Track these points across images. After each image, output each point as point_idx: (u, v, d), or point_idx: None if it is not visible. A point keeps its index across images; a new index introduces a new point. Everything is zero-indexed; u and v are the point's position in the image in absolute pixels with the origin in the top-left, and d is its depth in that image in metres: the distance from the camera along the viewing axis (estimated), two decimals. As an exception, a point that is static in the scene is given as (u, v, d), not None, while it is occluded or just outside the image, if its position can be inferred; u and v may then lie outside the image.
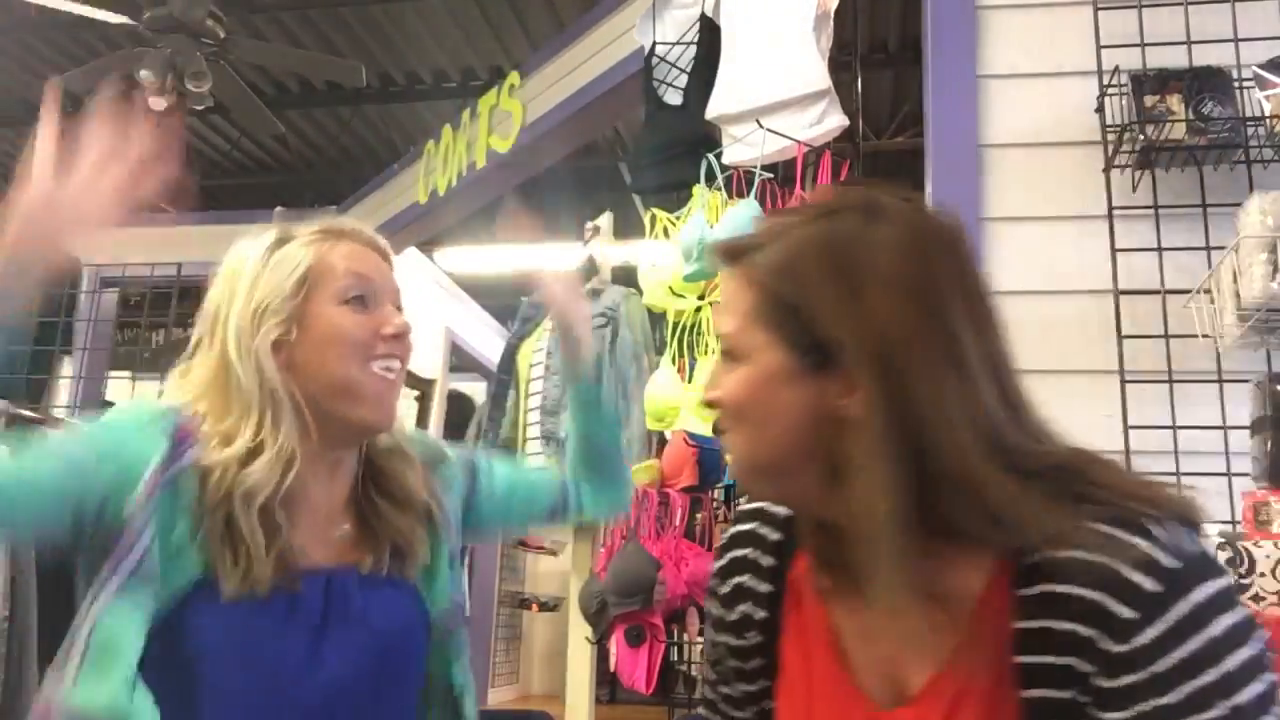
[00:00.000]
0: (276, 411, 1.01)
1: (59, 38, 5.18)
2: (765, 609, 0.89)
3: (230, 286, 1.07)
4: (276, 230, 1.11)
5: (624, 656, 2.39)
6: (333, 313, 1.06)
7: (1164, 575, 0.67)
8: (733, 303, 0.80)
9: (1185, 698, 0.66)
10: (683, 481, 2.48)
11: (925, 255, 0.75)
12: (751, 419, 0.78)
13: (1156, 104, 1.78)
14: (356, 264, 1.10)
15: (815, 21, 2.19)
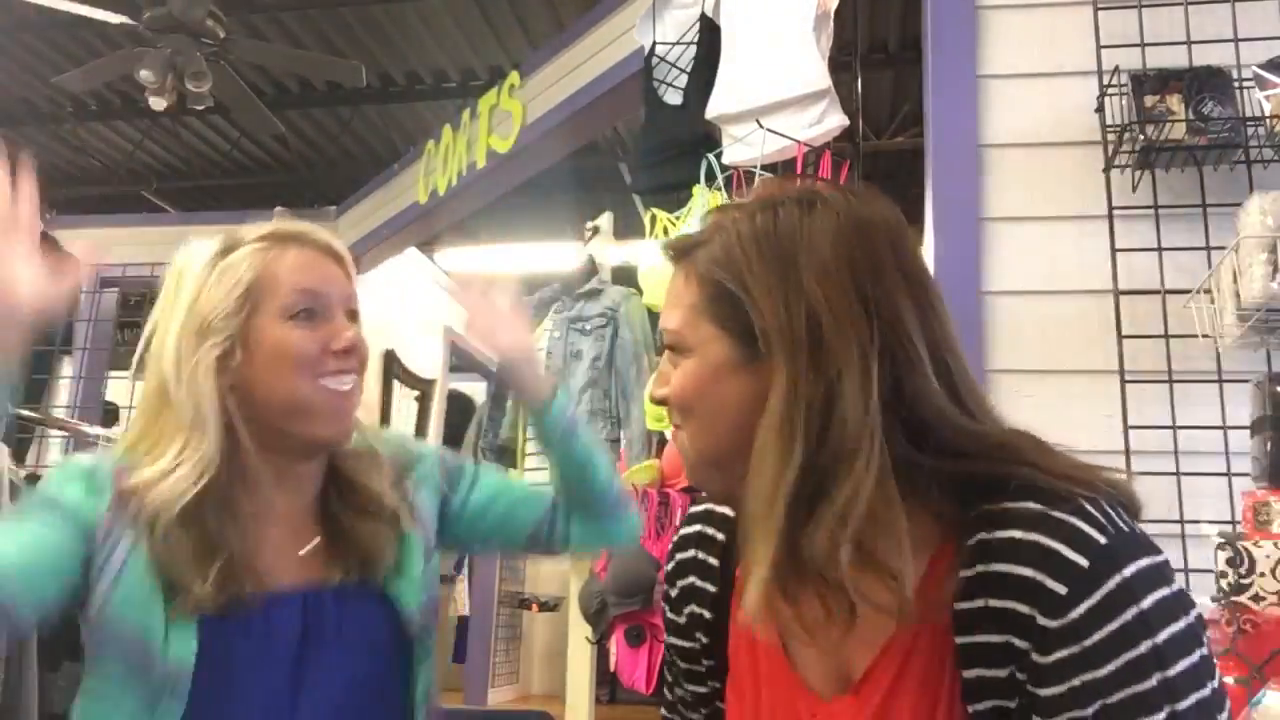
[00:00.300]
0: (201, 432, 0.98)
1: (59, 38, 5.18)
2: (711, 609, 0.89)
3: (172, 299, 1.03)
4: (223, 237, 1.06)
5: (624, 656, 2.39)
6: (278, 330, 1.01)
7: (1095, 551, 0.68)
8: (678, 298, 0.81)
9: (1117, 669, 0.66)
10: (683, 481, 2.48)
11: (862, 242, 0.76)
12: (699, 412, 0.79)
13: (1156, 104, 1.78)
14: (304, 275, 1.04)
15: (815, 21, 2.19)
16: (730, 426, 0.77)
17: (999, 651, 0.70)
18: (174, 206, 6.89)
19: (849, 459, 0.71)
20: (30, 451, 4.40)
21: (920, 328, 0.75)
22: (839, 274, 0.74)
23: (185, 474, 0.96)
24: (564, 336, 3.18)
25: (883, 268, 0.76)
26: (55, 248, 3.47)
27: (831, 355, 0.72)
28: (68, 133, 6.20)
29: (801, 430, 0.72)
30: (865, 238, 0.77)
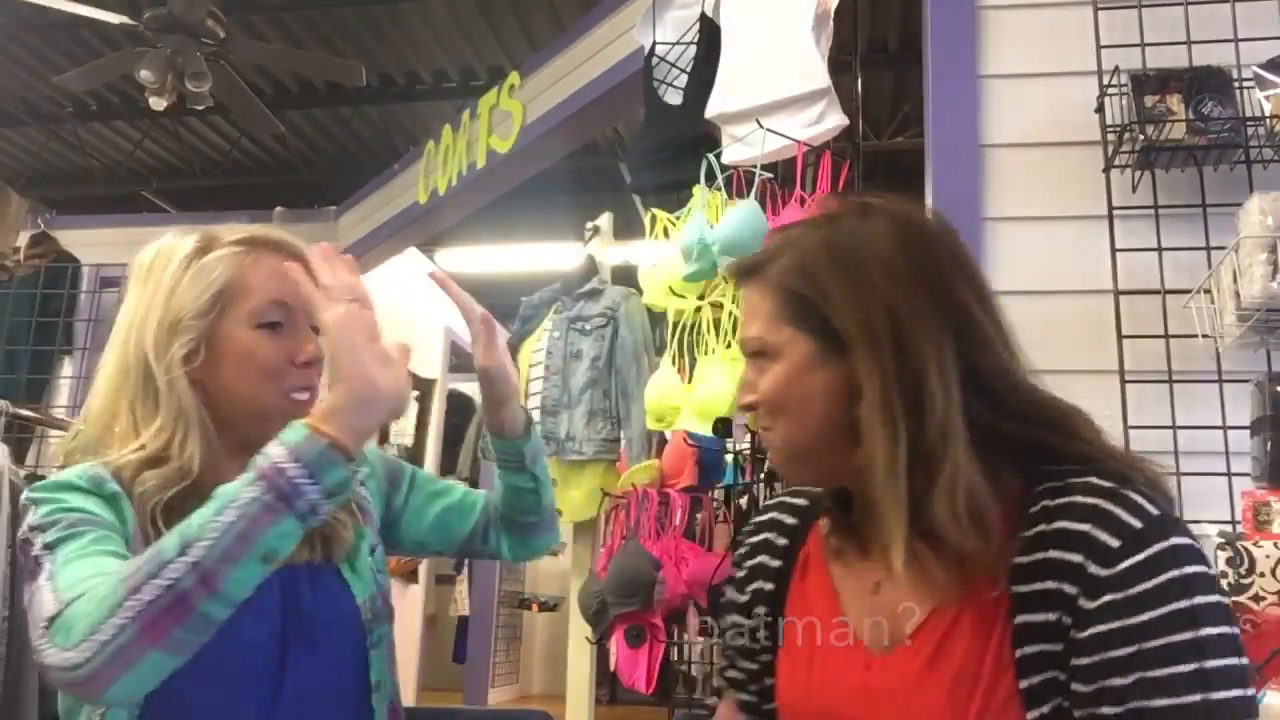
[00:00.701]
0: (186, 428, 1.00)
1: (59, 38, 5.18)
2: (775, 584, 0.99)
3: (150, 291, 1.04)
4: (200, 234, 1.07)
5: (624, 656, 2.38)
6: (245, 336, 1.03)
7: (1149, 518, 0.77)
8: (756, 309, 0.90)
9: (1156, 618, 0.73)
10: (683, 481, 2.48)
11: (918, 241, 0.87)
12: (789, 409, 0.87)
13: (1156, 104, 1.78)
14: (276, 285, 1.05)
15: (815, 21, 2.19)
16: (820, 418, 0.86)
17: (1050, 598, 0.78)
18: (174, 206, 6.89)
19: (944, 434, 0.80)
20: (30, 451, 4.39)
21: (979, 306, 0.85)
22: (904, 270, 0.84)
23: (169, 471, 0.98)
24: (564, 336, 3.17)
25: (940, 260, 0.86)
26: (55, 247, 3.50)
27: (912, 343, 0.81)
28: (68, 133, 6.20)
29: (900, 411, 0.81)
30: (920, 236, 0.88)
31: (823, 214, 0.92)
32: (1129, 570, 0.74)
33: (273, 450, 0.85)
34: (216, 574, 0.81)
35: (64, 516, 0.92)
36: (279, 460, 0.84)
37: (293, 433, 0.86)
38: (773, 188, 2.17)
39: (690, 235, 2.15)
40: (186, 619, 0.81)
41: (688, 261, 2.17)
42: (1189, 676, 0.72)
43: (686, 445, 2.43)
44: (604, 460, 3.04)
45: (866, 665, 0.87)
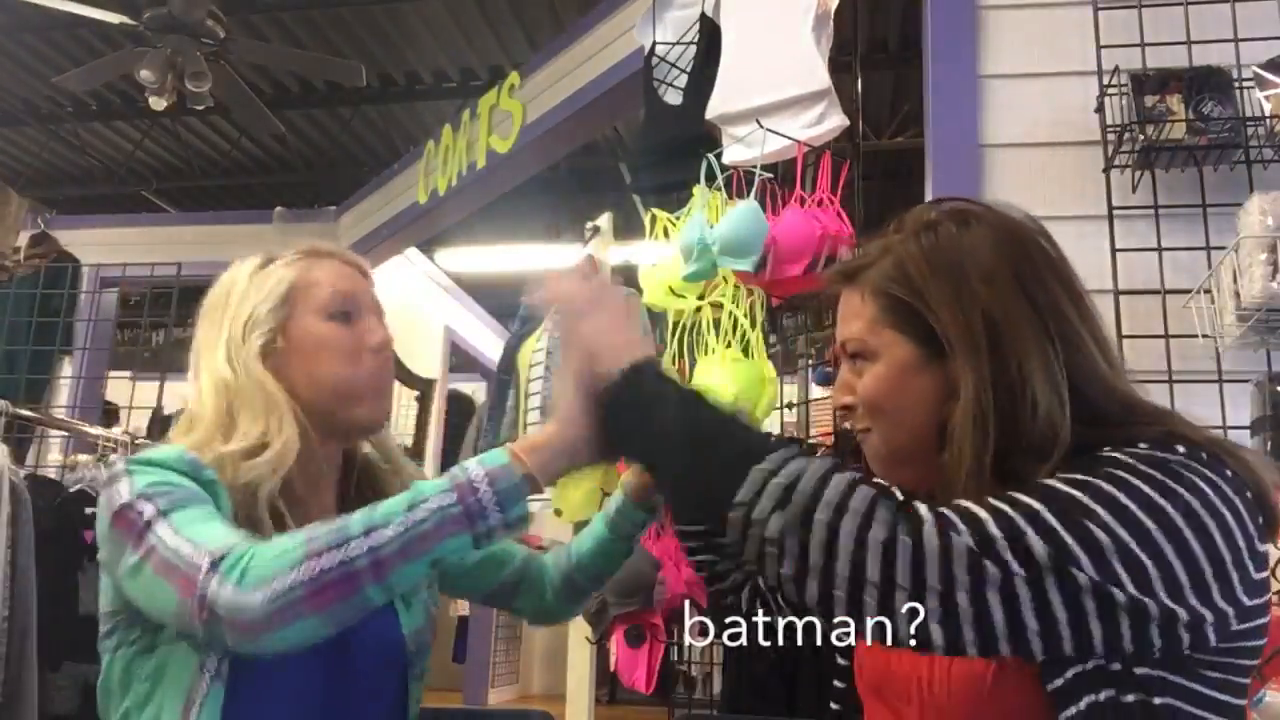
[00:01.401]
0: (279, 411, 1.03)
1: (59, 38, 5.18)
2: None
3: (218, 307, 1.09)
4: (262, 254, 1.13)
5: (624, 656, 2.38)
6: (318, 326, 1.08)
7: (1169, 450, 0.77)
8: (858, 312, 0.92)
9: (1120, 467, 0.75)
10: (683, 481, 2.47)
11: (1017, 249, 0.88)
12: (888, 410, 0.89)
13: (1156, 104, 1.78)
14: (340, 281, 1.12)
15: (815, 21, 2.19)
16: (918, 420, 0.88)
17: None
18: (174, 206, 6.89)
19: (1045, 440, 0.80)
20: (30, 451, 4.39)
21: (1076, 312, 0.87)
22: (1003, 277, 0.86)
23: (278, 452, 0.99)
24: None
25: (1038, 266, 0.88)
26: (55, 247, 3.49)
27: (1011, 349, 0.83)
28: (68, 133, 6.20)
29: (994, 417, 0.82)
30: (1019, 243, 0.89)
31: (923, 221, 0.93)
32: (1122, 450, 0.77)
33: (472, 468, 0.89)
34: (389, 564, 0.85)
35: (172, 490, 0.94)
36: (475, 479, 0.88)
37: (494, 457, 0.90)
38: (773, 188, 2.16)
39: (690, 235, 2.15)
40: (351, 596, 0.85)
41: (688, 261, 2.17)
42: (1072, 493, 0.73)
43: (686, 445, 2.43)
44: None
45: None
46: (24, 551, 2.41)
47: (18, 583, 2.38)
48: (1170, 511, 0.72)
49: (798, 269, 1.97)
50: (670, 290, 2.46)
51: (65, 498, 2.73)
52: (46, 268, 4.76)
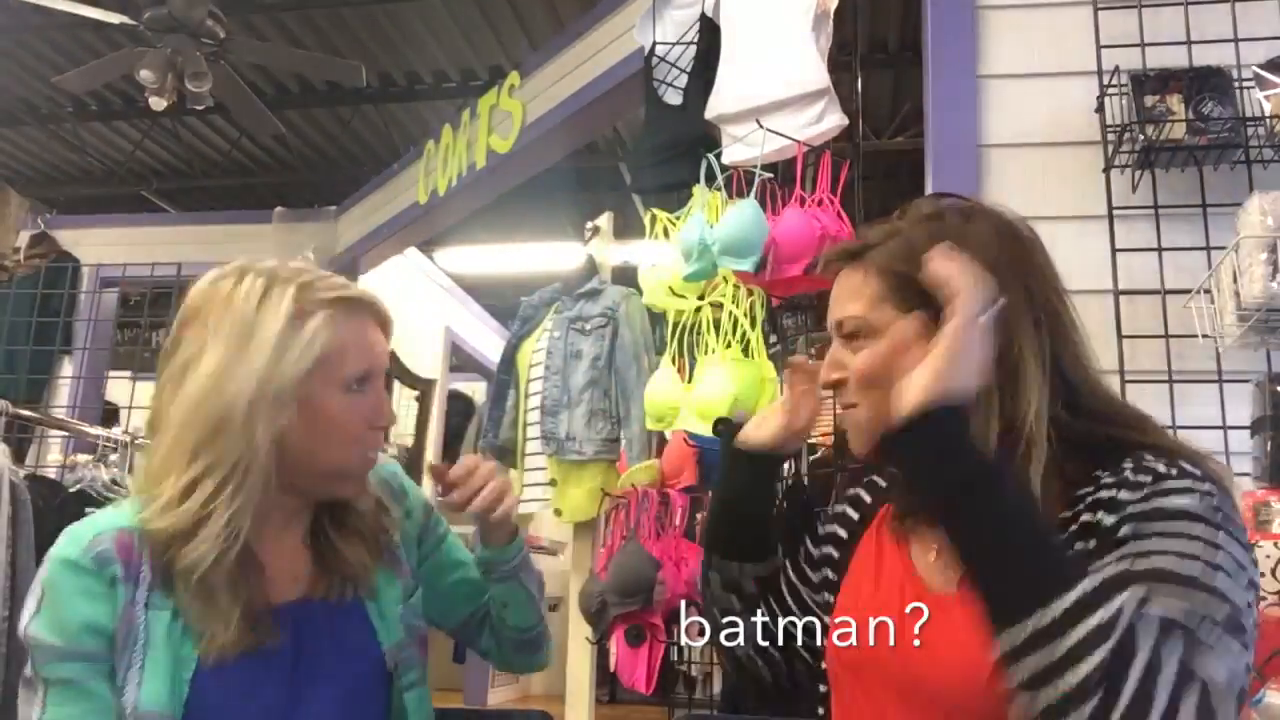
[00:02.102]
0: (241, 482, 0.98)
1: (59, 38, 5.18)
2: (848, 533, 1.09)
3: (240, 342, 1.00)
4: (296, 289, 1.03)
5: (624, 656, 2.38)
6: (337, 400, 1.04)
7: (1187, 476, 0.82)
8: (858, 290, 0.95)
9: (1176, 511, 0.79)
10: (683, 481, 2.48)
11: (1016, 243, 0.95)
12: (884, 383, 0.90)
13: (1156, 104, 1.78)
14: (367, 346, 1.07)
15: (815, 21, 2.19)
16: None
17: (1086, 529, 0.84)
18: (174, 206, 6.89)
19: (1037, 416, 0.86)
20: (30, 452, 4.39)
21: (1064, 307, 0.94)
22: (1004, 265, 0.90)
23: (218, 531, 0.96)
24: (564, 336, 3.17)
25: (1035, 262, 0.95)
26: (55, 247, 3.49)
27: (1010, 329, 0.88)
28: (68, 133, 6.20)
29: (997, 395, 0.87)
30: (1018, 239, 0.95)
31: (927, 211, 0.97)
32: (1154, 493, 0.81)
33: None
34: None
35: (56, 645, 0.95)
36: None
37: None
38: (773, 188, 2.17)
39: (690, 235, 2.15)
40: None
41: (688, 261, 2.17)
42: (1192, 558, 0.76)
43: (686, 445, 2.43)
44: (604, 460, 3.04)
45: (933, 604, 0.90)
46: (24, 551, 2.41)
47: (18, 583, 2.38)
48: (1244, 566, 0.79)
49: (798, 269, 1.97)
50: (670, 290, 2.46)
51: (65, 498, 2.74)
52: (46, 268, 4.77)
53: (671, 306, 2.50)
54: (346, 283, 1.10)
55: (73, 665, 0.96)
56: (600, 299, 3.17)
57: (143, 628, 0.97)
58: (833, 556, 1.10)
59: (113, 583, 0.97)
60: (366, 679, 1.06)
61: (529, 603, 1.22)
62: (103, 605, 0.96)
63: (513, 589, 1.20)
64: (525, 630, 1.23)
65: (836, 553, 1.09)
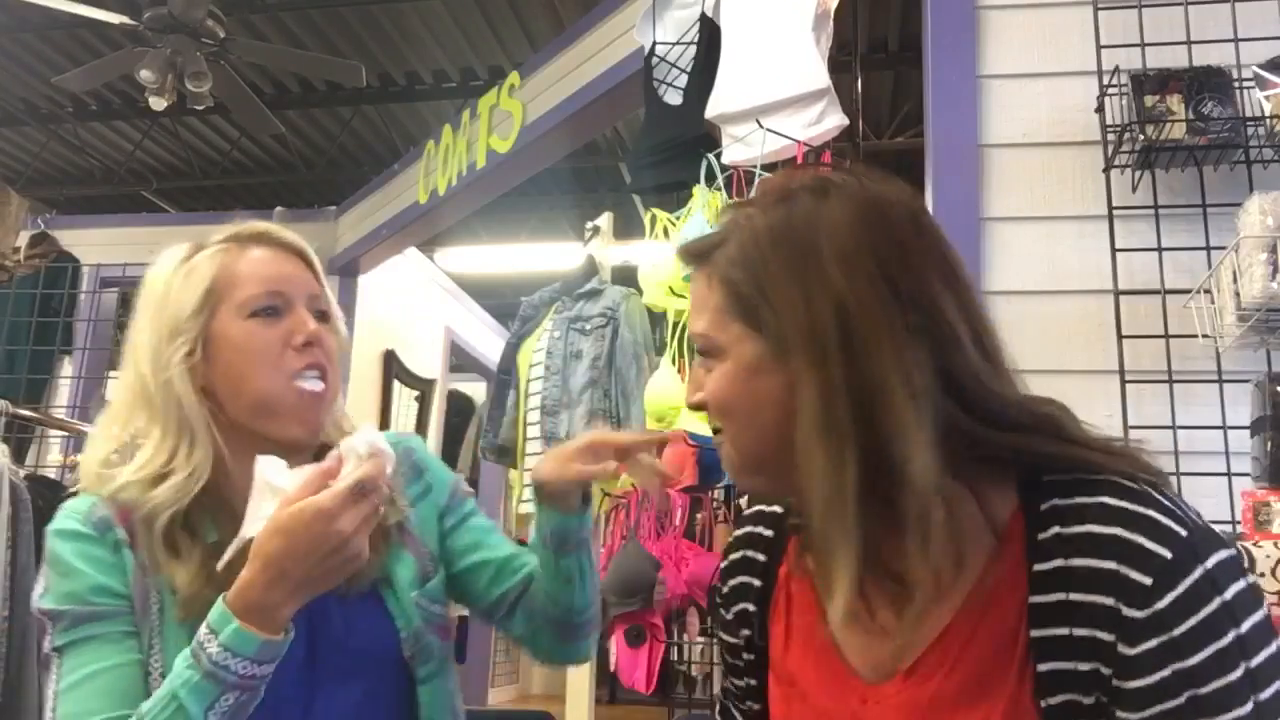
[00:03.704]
0: (190, 435, 0.98)
1: (59, 38, 5.18)
2: (756, 604, 0.90)
3: (146, 304, 1.03)
4: (190, 243, 1.06)
5: (624, 656, 2.39)
6: (239, 327, 1.00)
7: (1178, 543, 0.68)
8: (703, 302, 0.79)
9: (1206, 660, 0.66)
10: (683, 481, 2.48)
11: (882, 223, 0.75)
12: (737, 413, 0.78)
13: (1156, 104, 1.78)
14: (265, 270, 1.03)
15: (815, 21, 2.19)
16: (768, 424, 0.76)
17: (1081, 645, 0.70)
18: (174, 206, 6.89)
19: (906, 450, 0.69)
20: (30, 451, 4.39)
21: (954, 301, 0.75)
22: (862, 259, 0.73)
23: (179, 482, 0.96)
24: (564, 336, 3.17)
25: (907, 246, 0.75)
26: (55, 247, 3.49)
27: (865, 344, 0.71)
28: (68, 133, 6.20)
29: (849, 426, 0.71)
30: (884, 218, 0.76)
31: (778, 190, 0.80)
32: (1168, 609, 0.67)
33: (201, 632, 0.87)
34: None
35: (71, 609, 0.93)
36: (204, 640, 0.86)
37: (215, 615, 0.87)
38: (773, 188, 2.16)
39: (690, 235, 2.15)
40: None
41: (688, 261, 2.17)
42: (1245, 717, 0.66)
43: (686, 445, 2.44)
44: (604, 460, 3.04)
45: (862, 699, 0.79)
46: (24, 551, 2.41)
47: (18, 582, 2.38)
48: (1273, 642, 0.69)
49: (798, 269, 1.97)
50: (670, 290, 2.46)
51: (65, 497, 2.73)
52: (46, 268, 4.77)
53: (671, 306, 2.50)
54: (250, 222, 1.08)
55: (89, 626, 0.93)
56: (600, 299, 3.17)
57: (156, 594, 0.95)
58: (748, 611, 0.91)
59: (117, 548, 0.96)
60: (387, 671, 1.03)
61: (592, 578, 1.13)
62: (112, 569, 0.95)
63: (582, 559, 1.10)
64: (581, 611, 1.12)
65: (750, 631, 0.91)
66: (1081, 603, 0.70)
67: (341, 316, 1.10)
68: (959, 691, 0.73)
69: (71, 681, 0.91)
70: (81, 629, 0.93)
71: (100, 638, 0.93)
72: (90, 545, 0.96)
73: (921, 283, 0.74)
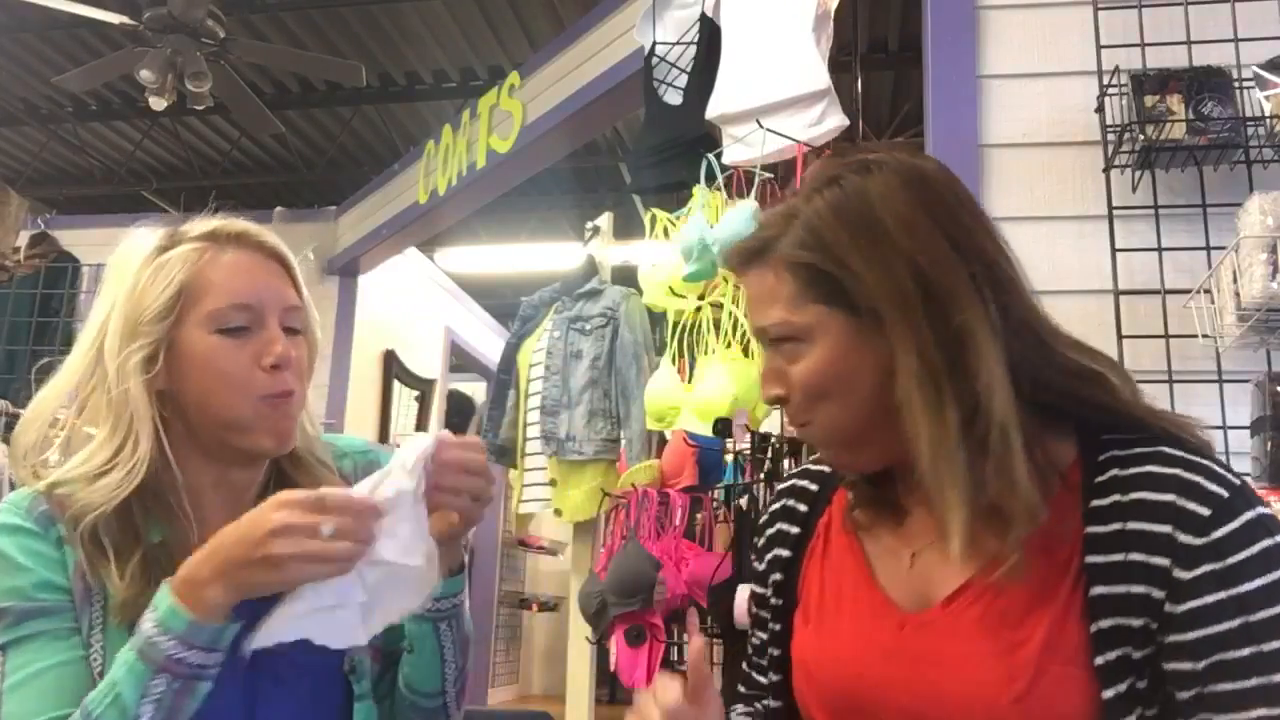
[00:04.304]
0: (135, 436, 0.94)
1: (59, 38, 5.18)
2: (790, 549, 0.95)
3: (112, 289, 0.98)
4: (166, 230, 1.00)
5: (624, 656, 2.39)
6: (205, 342, 0.95)
7: (1233, 487, 0.74)
8: (771, 294, 0.81)
9: (1260, 588, 0.70)
10: (683, 481, 2.48)
11: (928, 189, 0.81)
12: (834, 392, 0.80)
13: (1156, 104, 1.78)
14: (239, 282, 0.97)
15: (815, 21, 2.19)
16: (866, 394, 0.79)
17: (1134, 570, 0.73)
18: (174, 206, 6.89)
19: (990, 385, 0.74)
20: (30, 451, 4.39)
21: (1000, 251, 0.81)
22: (921, 222, 0.78)
23: (116, 479, 0.93)
24: (564, 336, 3.18)
25: (953, 206, 0.80)
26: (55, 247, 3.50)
27: (945, 297, 0.76)
28: (68, 133, 6.20)
29: (945, 373, 0.75)
30: (927, 184, 0.81)
31: (820, 177, 0.83)
32: (1225, 539, 0.71)
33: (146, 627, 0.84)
34: None
35: (14, 605, 0.91)
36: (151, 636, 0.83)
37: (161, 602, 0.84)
38: (773, 188, 2.17)
39: (690, 235, 2.16)
40: None
41: (688, 261, 2.17)
42: None
43: (686, 445, 2.44)
44: (604, 460, 3.04)
45: (900, 625, 0.81)
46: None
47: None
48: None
49: (798, 269, 1.97)
50: (670, 290, 2.46)
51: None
52: (46, 268, 4.77)
53: (671, 306, 2.50)
54: (229, 220, 1.02)
55: (33, 623, 0.90)
56: (600, 299, 3.18)
57: (98, 593, 0.92)
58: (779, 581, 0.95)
59: (59, 544, 0.93)
60: (327, 682, 1.00)
61: (437, 662, 1.01)
62: (56, 565, 0.92)
63: (426, 634, 1.00)
64: (419, 693, 1.03)
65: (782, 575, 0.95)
66: (1139, 531, 0.74)
67: (317, 319, 1.05)
68: (1001, 616, 0.77)
69: (16, 681, 0.89)
70: (25, 625, 0.91)
71: (45, 634, 0.90)
72: (33, 540, 0.93)
73: (973, 235, 0.79)
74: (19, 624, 0.91)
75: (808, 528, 0.94)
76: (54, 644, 0.90)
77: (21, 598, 0.91)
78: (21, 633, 0.90)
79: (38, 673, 0.89)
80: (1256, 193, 1.62)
